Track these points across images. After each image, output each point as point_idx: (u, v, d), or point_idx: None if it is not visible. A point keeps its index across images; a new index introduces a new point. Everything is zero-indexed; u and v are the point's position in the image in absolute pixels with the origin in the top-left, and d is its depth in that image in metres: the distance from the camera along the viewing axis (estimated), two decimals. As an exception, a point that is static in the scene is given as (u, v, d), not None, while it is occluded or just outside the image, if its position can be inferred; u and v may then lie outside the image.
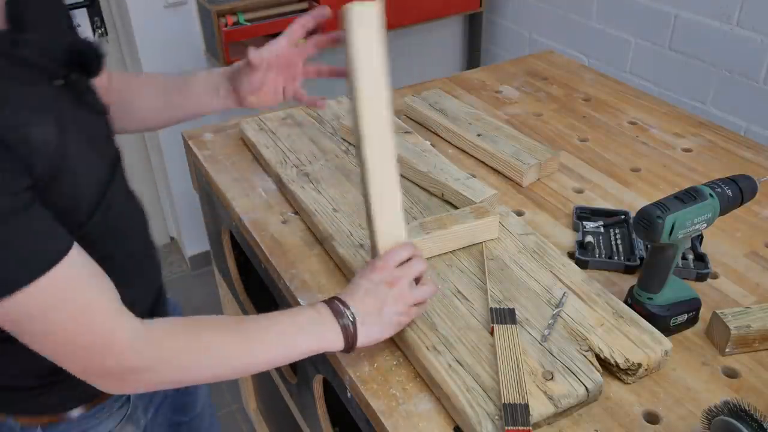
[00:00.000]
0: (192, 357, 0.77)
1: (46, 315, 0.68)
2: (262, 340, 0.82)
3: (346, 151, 1.40)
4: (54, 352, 0.71)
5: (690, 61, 2.11)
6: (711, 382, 0.92)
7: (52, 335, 0.70)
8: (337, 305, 0.86)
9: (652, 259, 0.95)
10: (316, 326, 0.84)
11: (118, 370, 0.73)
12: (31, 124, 0.67)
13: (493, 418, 0.82)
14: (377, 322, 0.87)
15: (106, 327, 0.72)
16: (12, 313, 0.67)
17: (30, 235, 0.67)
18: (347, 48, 0.86)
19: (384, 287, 0.87)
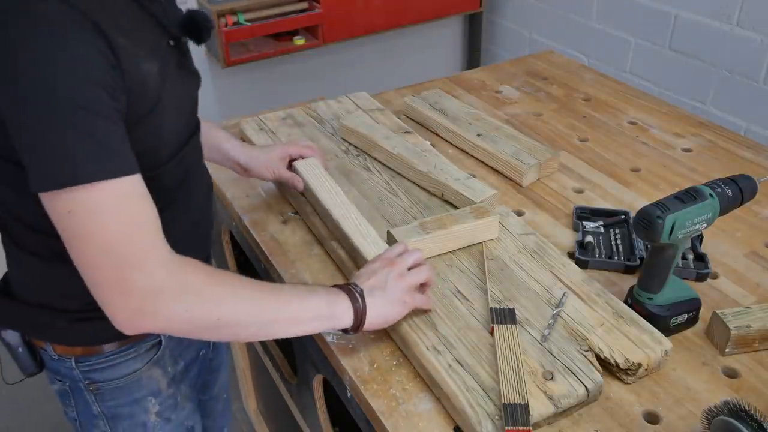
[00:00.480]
0: (213, 293, 0.79)
1: (98, 216, 0.72)
2: (278, 293, 0.85)
3: (346, 151, 1.40)
4: (88, 259, 0.74)
5: (690, 61, 2.11)
6: (711, 382, 0.92)
7: (94, 239, 0.73)
8: (346, 285, 0.91)
9: (652, 259, 0.95)
10: (328, 294, 0.88)
11: (141, 291, 0.75)
12: (143, 59, 0.78)
13: (493, 418, 0.82)
14: (384, 297, 0.90)
15: (146, 243, 0.75)
16: (72, 203, 0.71)
17: (114, 140, 0.73)
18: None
19: (385, 268, 0.93)
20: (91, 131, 0.71)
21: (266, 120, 1.52)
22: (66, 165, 0.70)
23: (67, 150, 0.70)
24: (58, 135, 0.70)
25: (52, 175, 0.71)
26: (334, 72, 2.80)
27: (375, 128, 1.40)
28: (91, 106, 0.71)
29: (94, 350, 0.95)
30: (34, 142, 0.71)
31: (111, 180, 0.72)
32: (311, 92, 1.79)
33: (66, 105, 0.69)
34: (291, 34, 2.48)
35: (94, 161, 0.71)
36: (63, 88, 0.69)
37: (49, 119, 0.69)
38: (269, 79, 2.66)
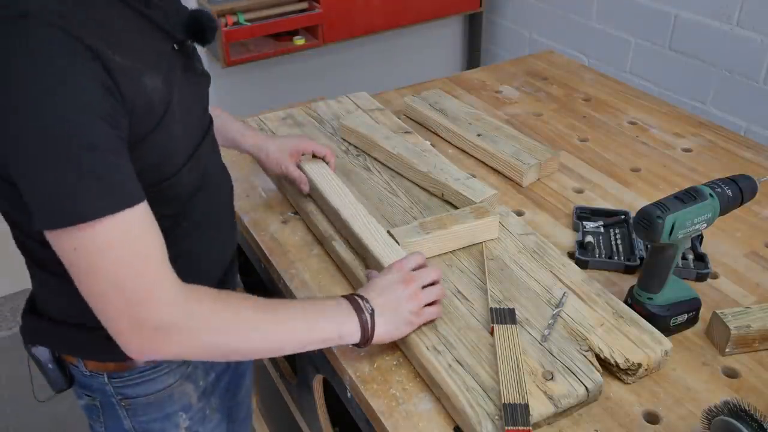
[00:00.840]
0: (221, 323, 0.79)
1: (104, 252, 0.71)
2: (288, 314, 0.85)
3: (346, 151, 1.40)
4: (96, 293, 0.73)
5: (690, 61, 2.11)
6: (711, 382, 0.92)
7: (101, 274, 0.72)
8: (356, 300, 0.89)
9: (652, 259, 0.95)
10: (337, 314, 0.87)
11: (151, 325, 0.74)
12: (146, 75, 0.76)
13: (493, 418, 0.82)
14: (393, 318, 0.90)
15: (153, 278, 0.75)
16: (74, 242, 0.70)
17: (116, 173, 0.71)
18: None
19: (399, 286, 0.91)
20: (91, 167, 0.69)
21: (266, 120, 1.52)
22: (67, 204, 0.69)
23: (68, 188, 0.69)
24: (58, 173, 0.68)
25: (53, 214, 0.70)
26: (334, 72, 2.80)
27: (375, 128, 1.40)
28: (90, 141, 0.69)
29: (127, 366, 0.94)
30: (33, 181, 0.69)
31: (114, 215, 0.71)
32: (311, 92, 1.79)
33: (63, 142, 0.68)
34: (291, 34, 2.48)
35: (95, 198, 0.70)
36: (59, 124, 0.67)
37: (46, 157, 0.68)
38: (269, 79, 2.66)
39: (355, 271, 1.06)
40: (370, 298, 0.90)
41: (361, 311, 0.88)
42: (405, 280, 0.92)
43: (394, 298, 0.91)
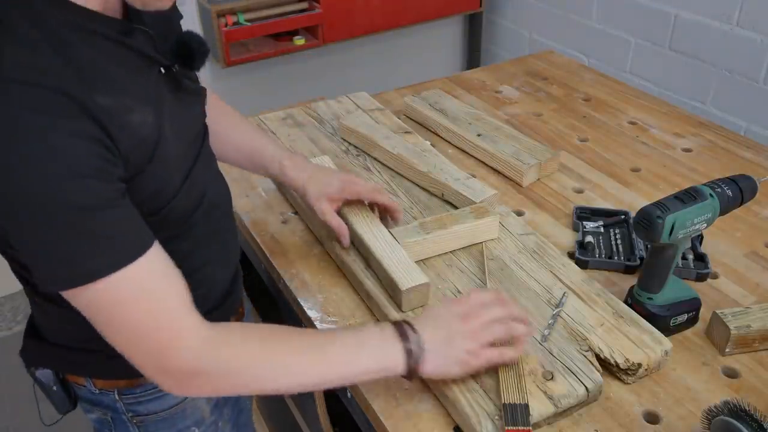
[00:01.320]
0: (251, 364, 0.76)
1: (118, 307, 0.70)
2: (325, 351, 0.79)
3: (346, 151, 1.40)
4: (121, 344, 0.73)
5: (690, 61, 2.11)
6: (711, 382, 0.92)
7: (122, 327, 0.71)
8: (404, 328, 0.82)
9: (652, 259, 0.95)
10: (379, 345, 0.81)
11: (178, 372, 0.73)
12: (133, 111, 0.73)
13: (493, 418, 0.82)
14: (444, 354, 0.82)
15: (174, 327, 0.73)
16: (88, 300, 0.69)
17: (116, 228, 0.69)
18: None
19: (458, 321, 0.84)
20: (86, 229, 0.67)
21: (266, 120, 1.52)
22: (71, 266, 0.68)
23: (66, 253, 0.67)
24: (54, 239, 0.66)
25: (58, 277, 0.68)
26: (334, 72, 2.80)
27: (375, 128, 1.40)
28: (81, 203, 0.66)
29: (138, 382, 0.93)
30: (32, 248, 0.68)
31: (123, 268, 0.69)
32: (311, 92, 1.79)
33: (54, 208, 0.65)
34: (291, 34, 2.48)
35: (99, 256, 0.68)
36: (48, 190, 0.65)
37: (40, 224, 0.66)
38: (269, 79, 2.66)
39: (355, 272, 1.06)
40: (420, 328, 0.82)
41: (407, 340, 0.81)
42: (465, 314, 0.84)
43: (448, 332, 0.83)
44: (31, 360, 0.95)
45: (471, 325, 0.83)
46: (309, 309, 1.04)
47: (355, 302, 1.05)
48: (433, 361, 0.81)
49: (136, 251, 0.70)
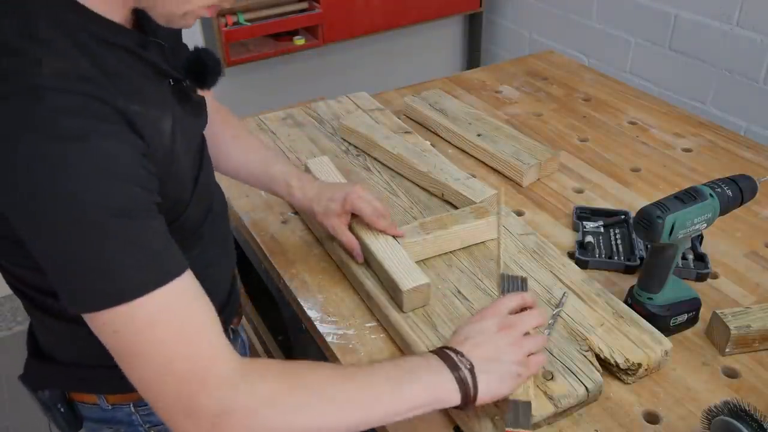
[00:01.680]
0: (290, 401, 0.68)
1: (149, 330, 0.63)
2: (369, 384, 0.72)
3: (346, 151, 1.40)
4: (144, 380, 0.65)
5: (690, 61, 2.11)
6: (711, 382, 0.92)
7: (148, 358, 0.64)
8: (448, 355, 0.77)
9: (652, 259, 0.95)
10: (429, 376, 0.75)
11: (209, 409, 0.64)
12: (160, 120, 0.72)
13: (493, 418, 0.82)
14: (497, 371, 0.77)
15: (207, 355, 0.66)
16: (115, 324, 0.63)
17: (157, 241, 0.64)
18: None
19: (497, 334, 0.80)
20: (130, 239, 0.62)
21: (266, 120, 1.52)
22: (106, 283, 0.62)
23: (105, 265, 0.61)
24: (93, 250, 0.61)
25: (89, 295, 0.62)
26: (334, 72, 2.80)
27: (375, 128, 1.40)
28: (123, 207, 0.62)
29: None
30: (63, 262, 0.62)
31: (159, 289, 0.63)
32: (311, 92, 1.79)
33: (98, 212, 0.60)
34: (291, 34, 2.47)
35: (137, 272, 0.62)
36: (91, 193, 0.60)
37: (75, 230, 0.60)
38: (269, 79, 2.66)
39: (355, 273, 1.06)
40: (465, 350, 0.77)
41: (456, 368, 0.75)
42: (503, 325, 0.81)
43: (494, 347, 0.78)
44: (37, 383, 0.90)
45: (512, 334, 0.80)
46: (309, 309, 1.04)
47: (355, 302, 1.05)
48: (487, 383, 0.76)
49: (176, 268, 0.65)
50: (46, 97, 0.60)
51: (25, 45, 0.61)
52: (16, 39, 0.61)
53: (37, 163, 0.59)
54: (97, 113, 0.62)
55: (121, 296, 0.62)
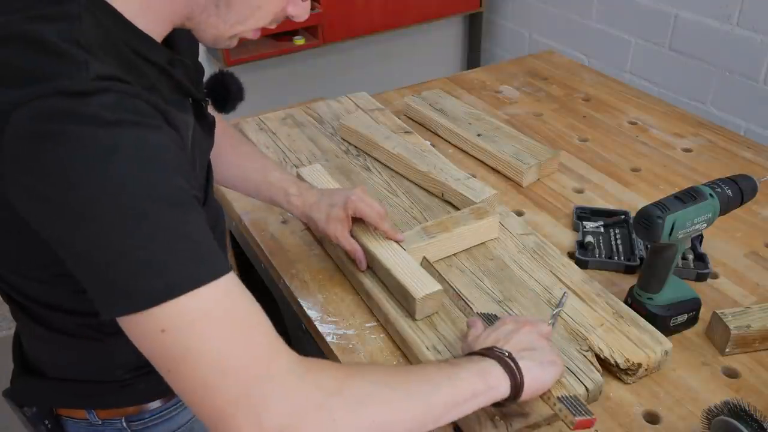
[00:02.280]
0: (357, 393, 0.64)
1: (204, 326, 0.58)
2: (424, 374, 0.72)
3: (346, 151, 1.40)
4: (198, 381, 0.59)
5: (690, 61, 2.11)
6: (711, 382, 0.92)
7: (204, 354, 0.58)
8: (485, 351, 0.77)
9: (652, 259, 0.95)
10: (475, 364, 0.75)
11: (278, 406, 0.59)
12: (189, 127, 0.71)
13: (493, 418, 0.82)
14: (536, 358, 0.78)
15: (267, 349, 0.61)
16: (166, 320, 0.58)
17: (201, 233, 0.61)
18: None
19: (520, 331, 0.81)
20: (180, 230, 0.59)
21: (266, 120, 1.52)
22: (156, 276, 0.57)
23: (156, 257, 0.57)
24: (143, 241, 0.57)
25: (138, 292, 0.57)
26: (334, 72, 2.80)
27: (375, 128, 1.40)
28: (176, 200, 0.59)
29: (145, 407, 0.87)
30: (107, 258, 0.57)
31: (211, 282, 0.59)
32: (311, 92, 1.79)
33: (147, 204, 0.57)
34: (291, 34, 2.48)
35: (189, 264, 0.58)
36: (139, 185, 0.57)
37: (128, 224, 0.57)
38: (269, 79, 2.66)
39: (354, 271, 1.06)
40: (499, 345, 0.79)
41: (498, 357, 0.75)
42: (526, 323, 0.83)
43: (525, 339, 0.80)
44: (24, 398, 0.87)
45: (535, 330, 0.82)
46: (309, 309, 1.04)
47: (355, 302, 1.05)
48: (530, 369, 0.76)
49: (224, 263, 0.61)
50: (94, 96, 0.58)
51: (71, 49, 0.60)
52: (62, 42, 0.60)
53: (83, 152, 0.56)
54: (143, 110, 0.61)
55: (173, 290, 0.57)
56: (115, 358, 0.82)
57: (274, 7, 0.73)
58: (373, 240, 1.05)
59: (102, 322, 0.77)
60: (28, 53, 0.59)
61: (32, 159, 0.57)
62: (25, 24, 0.60)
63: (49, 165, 0.57)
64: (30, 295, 0.77)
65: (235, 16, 0.72)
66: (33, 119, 0.56)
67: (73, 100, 0.57)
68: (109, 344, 0.79)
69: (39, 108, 0.57)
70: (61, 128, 0.56)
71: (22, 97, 0.57)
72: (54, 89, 0.57)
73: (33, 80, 0.58)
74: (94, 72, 0.59)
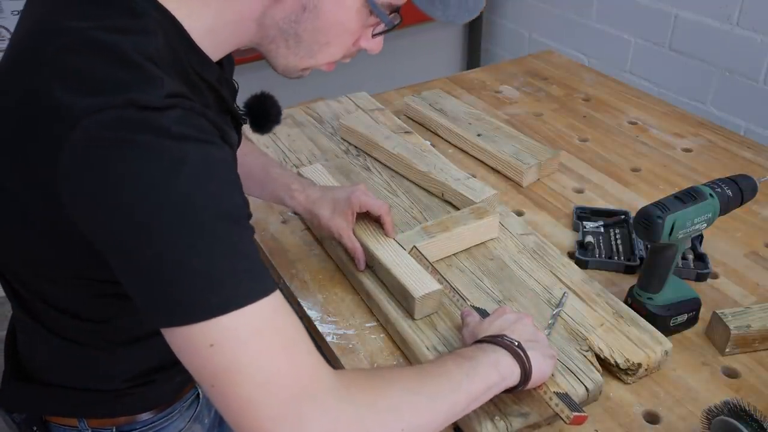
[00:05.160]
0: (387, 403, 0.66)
1: (253, 343, 0.59)
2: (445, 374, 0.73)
3: (346, 151, 1.40)
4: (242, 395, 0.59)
5: (690, 61, 2.11)
6: (711, 382, 0.92)
7: (252, 370, 0.59)
8: (494, 338, 0.79)
9: (652, 259, 0.95)
10: (488, 356, 0.77)
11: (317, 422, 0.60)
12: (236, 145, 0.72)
13: (493, 418, 0.82)
14: (539, 349, 0.80)
15: (311, 368, 0.62)
16: (214, 335, 0.58)
17: (255, 252, 0.62)
18: None
19: (524, 320, 0.84)
20: (237, 245, 0.60)
21: (266, 120, 1.52)
22: (212, 290, 0.57)
23: (213, 271, 0.57)
24: (202, 254, 0.57)
25: (192, 305, 0.57)
26: (334, 72, 2.80)
27: (375, 128, 1.40)
28: (234, 216, 0.60)
29: (137, 418, 0.86)
30: (164, 269, 0.57)
31: (263, 299, 0.60)
32: (311, 92, 1.79)
33: (209, 218, 0.58)
34: (291, 34, 2.47)
35: (244, 280, 0.59)
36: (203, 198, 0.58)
37: (188, 236, 0.57)
38: (269, 79, 2.66)
39: (353, 271, 1.06)
40: (507, 334, 0.80)
41: (508, 346, 0.78)
42: (524, 314, 0.86)
43: (528, 331, 0.82)
44: (14, 404, 0.86)
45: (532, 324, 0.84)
46: (309, 309, 1.04)
47: (355, 302, 1.05)
48: (535, 359, 0.79)
49: (272, 282, 0.62)
50: (165, 112, 0.58)
51: (146, 63, 0.60)
52: (137, 56, 0.60)
53: (153, 162, 0.57)
54: (206, 128, 0.61)
55: (227, 305, 0.57)
56: (117, 368, 0.82)
57: (344, 43, 0.75)
58: (374, 239, 1.05)
59: (114, 331, 0.77)
60: (102, 63, 0.59)
61: (100, 165, 0.57)
62: (100, 33, 0.60)
63: (118, 172, 0.57)
64: (47, 298, 0.76)
65: (305, 50, 0.73)
66: (104, 128, 0.56)
67: (145, 114, 0.57)
68: (115, 354, 0.79)
69: (111, 117, 0.56)
70: (132, 137, 0.56)
71: (93, 105, 0.57)
72: (127, 101, 0.57)
73: (106, 90, 0.58)
74: (168, 89, 0.59)
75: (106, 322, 0.76)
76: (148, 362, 0.82)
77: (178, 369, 0.62)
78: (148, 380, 0.84)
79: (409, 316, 0.97)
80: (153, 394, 0.87)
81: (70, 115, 0.57)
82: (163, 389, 0.87)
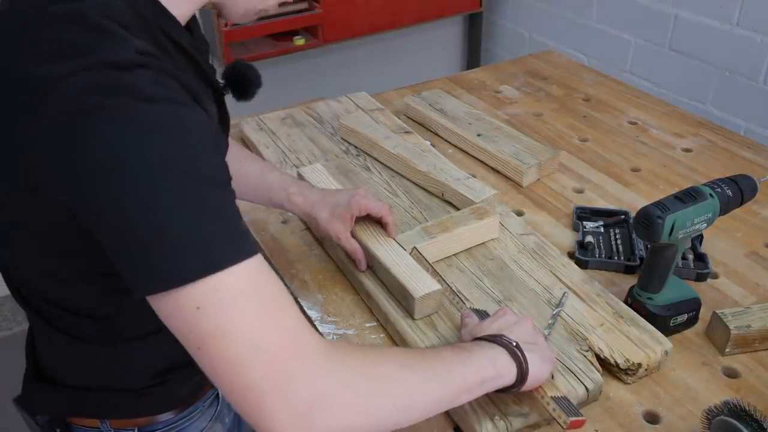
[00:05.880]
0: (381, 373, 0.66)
1: (237, 302, 0.59)
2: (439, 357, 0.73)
3: (346, 151, 1.40)
4: (229, 358, 0.58)
5: (690, 61, 2.11)
6: (711, 382, 0.92)
7: (238, 331, 0.58)
8: (494, 337, 0.79)
9: (652, 259, 0.95)
10: (485, 350, 0.77)
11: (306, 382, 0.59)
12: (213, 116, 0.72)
13: (493, 418, 0.82)
14: (537, 351, 0.80)
15: (296, 329, 0.61)
16: (201, 297, 0.58)
17: (236, 214, 0.62)
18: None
19: (525, 323, 0.83)
20: (219, 207, 0.60)
21: (266, 120, 1.52)
22: (195, 252, 0.57)
23: (195, 233, 0.57)
24: (183, 216, 0.57)
25: (176, 268, 0.57)
26: (334, 72, 2.80)
27: (375, 128, 1.40)
28: (215, 178, 0.60)
29: (158, 418, 0.86)
30: (145, 233, 0.57)
31: (247, 260, 0.59)
32: (311, 92, 1.79)
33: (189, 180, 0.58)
34: (291, 34, 2.48)
35: (227, 242, 0.59)
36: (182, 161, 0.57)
37: (168, 199, 0.57)
38: (269, 79, 2.66)
39: (353, 272, 1.06)
40: (505, 334, 0.80)
41: (505, 345, 0.77)
42: (524, 317, 0.85)
43: (527, 333, 0.82)
44: (37, 407, 0.87)
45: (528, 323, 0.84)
46: (309, 309, 1.04)
47: (355, 302, 1.05)
48: (533, 361, 0.78)
49: (254, 244, 0.62)
50: (135, 70, 0.58)
51: (110, 24, 0.60)
52: (99, 18, 0.60)
53: (127, 127, 0.56)
54: (177, 89, 0.61)
55: (211, 266, 0.57)
56: (131, 366, 0.82)
57: None
58: (374, 239, 1.05)
59: (118, 328, 0.77)
60: (65, 30, 0.59)
61: (74, 133, 0.56)
62: (61, 5, 0.60)
63: (93, 140, 0.56)
64: (51, 299, 0.76)
65: None
66: (74, 94, 0.56)
67: (115, 74, 0.57)
68: (126, 350, 0.79)
69: (80, 82, 0.56)
70: (103, 102, 0.56)
71: (60, 72, 0.56)
72: (94, 62, 0.57)
73: (72, 54, 0.57)
74: (134, 46, 0.59)
75: (111, 319, 0.76)
76: (162, 361, 0.82)
77: (194, 367, 0.61)
78: (164, 379, 0.84)
79: (409, 316, 0.97)
80: (172, 394, 0.87)
81: (38, 86, 0.57)
82: (182, 389, 0.87)
